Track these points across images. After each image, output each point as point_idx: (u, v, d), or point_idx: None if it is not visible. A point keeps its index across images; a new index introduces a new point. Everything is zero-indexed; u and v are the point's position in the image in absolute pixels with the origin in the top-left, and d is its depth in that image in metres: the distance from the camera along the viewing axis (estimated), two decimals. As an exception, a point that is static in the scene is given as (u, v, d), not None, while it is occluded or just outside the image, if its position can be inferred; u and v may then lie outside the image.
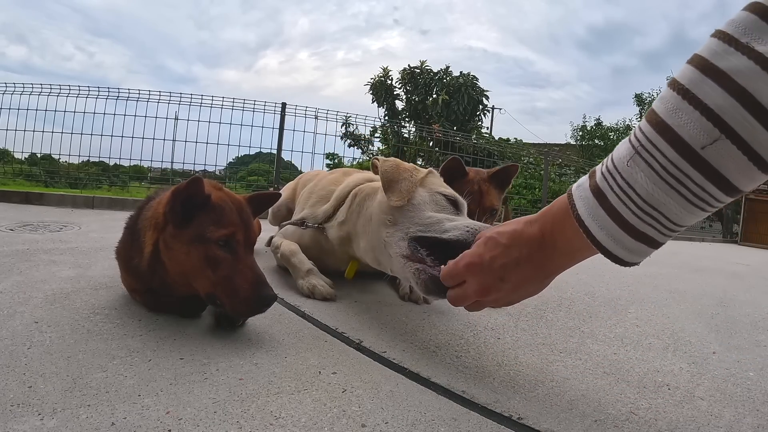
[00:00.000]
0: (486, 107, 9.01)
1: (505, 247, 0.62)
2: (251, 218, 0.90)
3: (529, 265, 0.61)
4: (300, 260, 1.27)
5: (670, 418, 0.67)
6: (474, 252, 0.66)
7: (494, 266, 0.62)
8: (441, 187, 1.09)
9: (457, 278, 0.68)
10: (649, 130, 0.46)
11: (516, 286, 0.63)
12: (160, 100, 4.35)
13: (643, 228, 0.49)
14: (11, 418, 0.53)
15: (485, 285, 0.64)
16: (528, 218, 0.63)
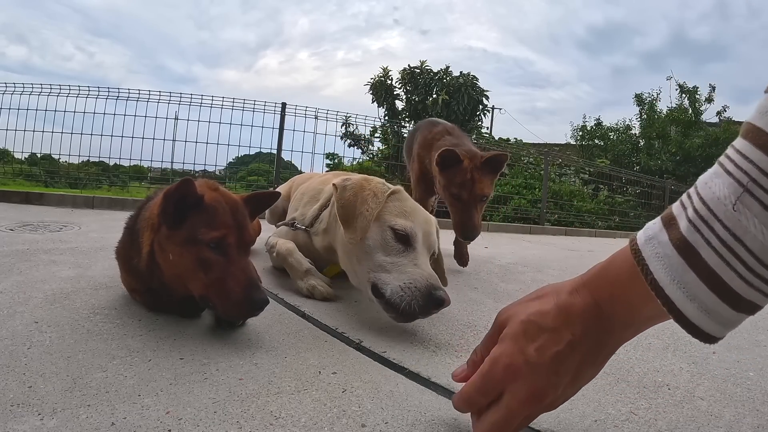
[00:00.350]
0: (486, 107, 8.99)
1: (553, 332, 0.47)
2: (247, 219, 0.89)
3: (586, 347, 0.47)
4: (297, 260, 1.26)
5: (670, 418, 0.67)
6: (511, 349, 0.48)
7: (544, 360, 0.46)
8: (397, 216, 1.03)
9: (493, 391, 0.50)
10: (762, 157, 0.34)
11: (574, 377, 0.48)
12: (160, 100, 4.35)
13: (751, 295, 0.37)
14: (11, 418, 0.53)
15: (538, 388, 0.47)
16: (570, 284, 0.49)
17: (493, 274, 1.80)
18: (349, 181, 1.12)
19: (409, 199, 1.12)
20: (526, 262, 2.24)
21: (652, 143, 10.98)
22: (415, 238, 1.01)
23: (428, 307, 0.90)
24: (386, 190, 1.09)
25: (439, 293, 0.90)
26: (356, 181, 1.12)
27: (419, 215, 1.07)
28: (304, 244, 1.32)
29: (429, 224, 1.08)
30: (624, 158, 10.75)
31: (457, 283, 1.52)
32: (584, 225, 6.24)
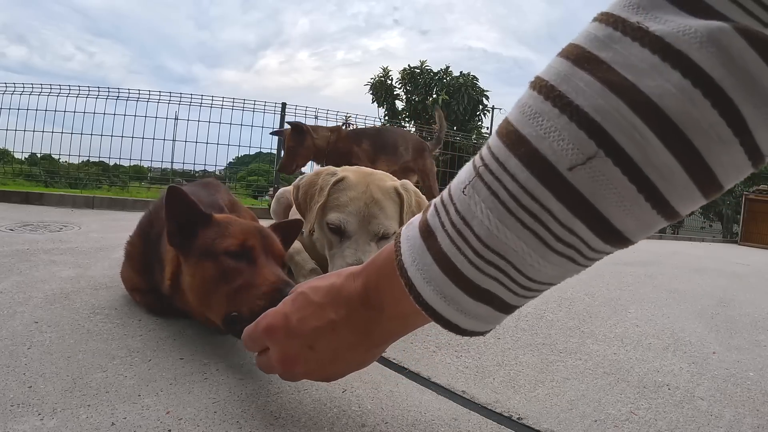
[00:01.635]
0: (486, 107, 9.00)
1: (318, 307, 0.48)
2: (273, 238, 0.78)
3: (349, 331, 0.47)
4: (303, 258, 1.27)
5: (670, 418, 0.67)
6: (278, 311, 0.51)
7: (302, 331, 0.48)
8: (330, 211, 1.08)
9: (258, 343, 0.54)
10: (498, 144, 0.33)
11: (332, 356, 0.49)
12: (160, 100, 4.35)
13: (485, 283, 0.35)
14: (11, 418, 0.53)
15: (289, 354, 0.50)
16: (353, 269, 0.49)
17: (493, 274, 1.80)
18: (303, 179, 1.19)
19: (353, 185, 1.10)
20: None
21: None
22: (346, 228, 1.06)
23: None
24: (330, 181, 1.11)
25: None
26: (308, 178, 1.18)
27: (358, 201, 1.07)
28: (310, 246, 1.32)
29: (374, 206, 1.07)
30: (624, 158, 10.73)
31: (457, 283, 1.52)
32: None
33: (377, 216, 1.08)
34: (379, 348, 0.50)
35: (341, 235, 1.06)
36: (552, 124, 0.30)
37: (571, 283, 1.73)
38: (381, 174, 1.18)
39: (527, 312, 1.22)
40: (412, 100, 8.93)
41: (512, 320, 1.13)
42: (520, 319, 1.15)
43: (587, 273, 1.14)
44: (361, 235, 1.06)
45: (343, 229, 1.06)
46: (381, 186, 1.11)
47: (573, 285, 1.70)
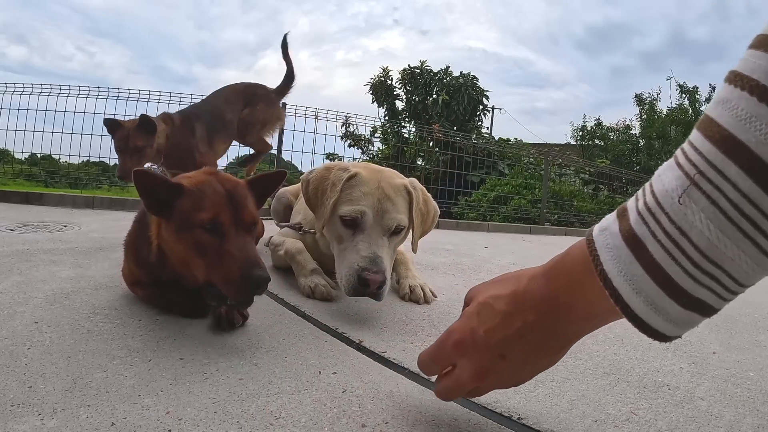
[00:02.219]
0: (486, 107, 9.01)
1: (504, 316, 0.48)
2: (247, 200, 0.86)
3: (538, 335, 0.47)
4: (305, 259, 1.27)
5: (670, 418, 0.67)
6: (464, 326, 0.51)
7: (491, 342, 0.48)
8: (344, 205, 1.09)
9: (444, 362, 0.54)
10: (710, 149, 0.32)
11: (523, 362, 0.50)
12: (160, 100, 4.35)
13: (699, 293, 0.35)
14: (11, 418, 0.53)
15: (482, 367, 0.50)
16: (532, 272, 0.49)
17: (493, 274, 1.80)
18: (312, 173, 1.18)
19: (366, 181, 1.11)
20: (526, 262, 2.24)
21: (652, 143, 10.99)
22: (361, 221, 1.06)
23: (359, 291, 1.00)
24: (343, 177, 1.11)
25: (364, 275, 0.98)
26: (318, 172, 1.17)
27: (372, 197, 1.09)
28: (313, 245, 1.33)
29: (387, 202, 1.09)
30: (624, 158, 10.76)
31: (457, 284, 1.52)
32: (584, 225, 6.24)
33: (389, 211, 1.09)
34: (566, 347, 0.50)
35: (354, 229, 1.07)
36: None
37: (571, 283, 1.74)
38: (389, 171, 1.20)
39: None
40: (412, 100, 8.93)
41: (512, 320, 1.13)
42: (520, 319, 1.15)
43: (587, 273, 1.10)
44: (374, 229, 1.07)
45: (358, 222, 1.06)
46: (391, 183, 1.13)
47: (573, 285, 1.69)
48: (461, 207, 5.78)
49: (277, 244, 1.40)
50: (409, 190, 1.14)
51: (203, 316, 0.93)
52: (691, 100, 11.03)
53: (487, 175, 6.66)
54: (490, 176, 6.69)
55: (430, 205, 1.22)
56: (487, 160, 6.79)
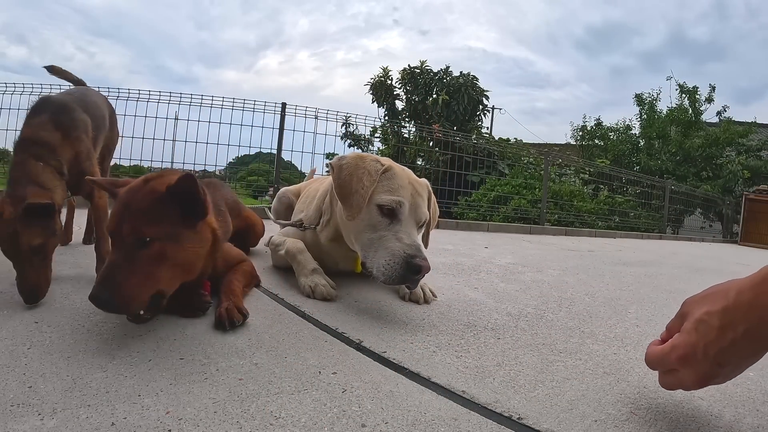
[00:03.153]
0: (486, 107, 9.00)
1: (719, 331, 0.56)
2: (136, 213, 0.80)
3: (748, 343, 0.55)
4: (306, 258, 1.28)
5: (670, 418, 0.67)
6: (686, 342, 0.60)
7: (710, 354, 0.57)
8: (385, 192, 1.11)
9: (668, 368, 0.64)
10: None
11: (737, 366, 0.59)
12: (160, 100, 4.35)
13: None
14: (11, 418, 0.53)
15: (704, 375, 0.59)
16: (738, 285, 0.57)
17: (493, 274, 1.80)
18: (344, 160, 1.18)
19: (400, 176, 1.16)
20: (526, 262, 2.24)
21: (652, 143, 10.98)
22: (399, 211, 1.09)
23: (407, 277, 1.01)
24: (379, 168, 1.15)
25: (415, 261, 1.01)
26: (351, 159, 1.17)
27: (407, 190, 1.14)
28: (313, 243, 1.34)
29: (418, 197, 1.15)
30: (624, 158, 10.75)
31: (457, 284, 1.52)
32: (584, 225, 6.24)
33: (420, 206, 1.15)
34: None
35: (391, 218, 1.09)
36: None
37: (571, 283, 1.73)
38: (409, 170, 1.24)
39: (527, 312, 1.22)
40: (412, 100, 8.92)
41: (512, 320, 1.13)
42: (520, 319, 1.15)
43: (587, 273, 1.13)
44: (410, 220, 1.11)
45: (395, 212, 1.09)
46: (417, 180, 1.21)
47: (573, 285, 1.70)
48: (461, 207, 5.78)
49: (278, 244, 1.40)
50: (429, 190, 1.23)
51: (201, 315, 0.94)
52: (691, 100, 11.01)
53: (487, 175, 6.66)
54: (490, 176, 6.68)
55: (436, 204, 1.32)
56: (487, 160, 6.78)
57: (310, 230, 1.35)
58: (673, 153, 10.34)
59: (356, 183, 1.11)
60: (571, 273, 2.02)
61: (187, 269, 0.87)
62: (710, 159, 10.12)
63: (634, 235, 6.37)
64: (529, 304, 1.32)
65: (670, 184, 8.23)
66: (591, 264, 2.46)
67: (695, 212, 9.56)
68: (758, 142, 10.63)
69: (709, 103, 10.95)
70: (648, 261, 2.99)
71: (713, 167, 10.05)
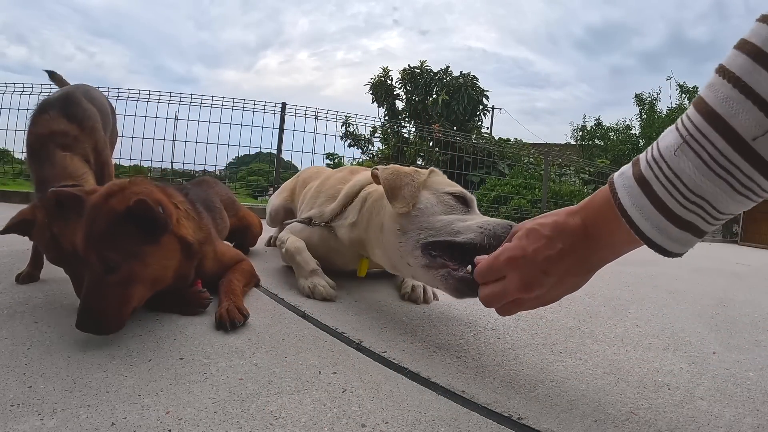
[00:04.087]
0: (486, 107, 9.02)
1: (548, 239, 0.60)
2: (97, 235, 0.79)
3: (573, 258, 0.59)
4: (305, 259, 1.26)
5: (670, 418, 0.67)
6: (515, 245, 0.63)
7: (537, 259, 0.60)
8: (447, 185, 1.09)
9: (497, 273, 0.65)
10: (699, 119, 0.46)
11: (559, 280, 0.61)
12: (160, 100, 4.36)
13: (689, 217, 0.49)
14: (11, 418, 0.53)
15: (528, 279, 0.61)
16: (568, 210, 0.61)
17: (493, 274, 1.80)
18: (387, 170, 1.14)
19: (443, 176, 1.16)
20: (526, 262, 2.23)
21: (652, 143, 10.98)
22: (472, 202, 1.06)
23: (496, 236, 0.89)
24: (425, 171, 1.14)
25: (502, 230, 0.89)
26: (392, 166, 1.16)
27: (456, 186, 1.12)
28: (324, 240, 1.32)
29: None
30: (624, 158, 10.75)
31: (457, 283, 1.52)
32: (584, 225, 6.23)
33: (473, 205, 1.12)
34: (590, 273, 0.63)
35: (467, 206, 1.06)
36: (740, 107, 0.43)
37: (571, 283, 1.73)
38: None
39: (527, 312, 1.22)
40: (412, 100, 8.93)
41: (512, 320, 1.13)
42: (520, 319, 1.15)
43: (587, 273, 1.10)
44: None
45: (469, 202, 1.07)
46: None
47: (573, 285, 1.69)
48: (461, 207, 5.77)
49: (282, 242, 1.39)
50: None
51: (201, 312, 0.94)
52: (691, 100, 11.03)
53: (487, 175, 6.66)
54: (490, 176, 6.69)
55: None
56: (487, 160, 6.79)
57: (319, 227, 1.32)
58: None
59: (404, 177, 1.09)
60: (571, 273, 2.01)
61: (158, 282, 0.87)
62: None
63: (634, 235, 6.36)
64: (529, 304, 1.32)
65: (670, 184, 8.20)
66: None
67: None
68: (758, 142, 10.61)
69: (709, 103, 10.94)
70: (648, 261, 2.99)
71: (713, 167, 10.01)
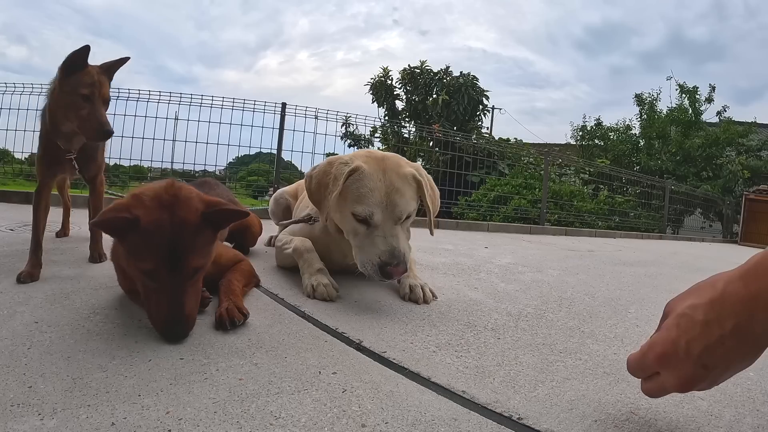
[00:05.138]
0: (486, 107, 9.00)
1: (704, 325, 0.49)
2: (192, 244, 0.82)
3: (738, 341, 0.47)
4: (312, 257, 1.28)
5: (670, 418, 0.67)
6: (665, 338, 0.53)
7: (693, 353, 0.50)
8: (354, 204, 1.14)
9: (648, 370, 0.57)
10: None
11: (724, 369, 0.51)
12: (160, 100, 4.35)
13: None
14: (11, 418, 0.53)
15: (687, 378, 0.51)
16: (727, 276, 0.50)
17: (493, 274, 1.80)
18: (315, 169, 1.24)
19: (369, 177, 1.15)
20: (526, 263, 2.24)
21: (652, 143, 10.99)
22: (372, 218, 1.13)
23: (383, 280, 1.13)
24: (344, 171, 1.16)
25: (388, 269, 1.08)
26: (320, 167, 1.23)
27: (378, 193, 1.14)
28: (322, 237, 1.35)
29: (395, 194, 1.15)
30: (624, 158, 10.75)
31: (457, 284, 1.52)
32: (584, 225, 6.24)
33: (398, 203, 1.15)
34: (762, 350, 0.50)
35: (367, 224, 1.14)
36: None
37: (571, 283, 1.73)
38: (394, 158, 1.23)
39: (527, 312, 1.22)
40: (412, 100, 8.93)
41: (512, 320, 1.13)
42: (520, 319, 1.15)
43: (587, 273, 1.13)
44: (386, 221, 1.14)
45: (368, 220, 1.13)
46: (398, 172, 1.19)
47: (573, 285, 1.70)
48: (461, 207, 5.78)
49: (284, 243, 1.40)
50: (417, 179, 1.21)
51: (201, 311, 0.93)
52: (691, 100, 11.01)
53: (487, 175, 6.66)
54: (490, 176, 6.68)
55: (436, 191, 1.32)
56: (487, 160, 6.78)
57: (319, 224, 1.35)
58: (673, 153, 10.34)
59: (323, 190, 1.17)
60: (571, 273, 2.02)
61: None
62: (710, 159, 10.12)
63: (634, 235, 6.37)
64: (529, 304, 1.32)
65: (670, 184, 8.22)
66: (591, 264, 2.46)
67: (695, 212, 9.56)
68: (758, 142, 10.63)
69: (709, 103, 10.96)
70: (648, 261, 2.99)
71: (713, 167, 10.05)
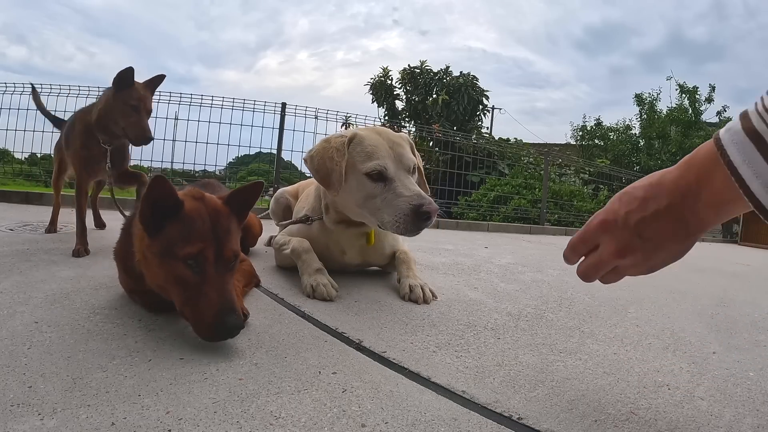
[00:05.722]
0: (486, 107, 9.00)
1: (641, 200, 0.56)
2: (230, 232, 0.84)
3: (669, 218, 0.54)
4: (311, 258, 1.28)
5: (670, 418, 0.67)
6: (607, 208, 0.60)
7: (630, 222, 0.56)
8: (363, 163, 1.15)
9: (589, 240, 0.62)
10: None
11: (656, 244, 0.56)
12: (160, 100, 4.35)
13: None
14: (11, 418, 0.53)
15: (622, 244, 0.57)
16: (665, 170, 0.57)
17: (493, 274, 1.80)
18: (313, 150, 1.26)
19: (368, 137, 1.20)
20: (525, 262, 2.24)
21: (652, 143, 11.00)
22: (387, 171, 1.14)
23: (420, 226, 1.09)
24: (344, 140, 1.19)
25: (423, 208, 1.07)
26: (318, 146, 1.25)
27: (382, 146, 1.17)
28: (321, 234, 1.36)
29: (398, 147, 1.19)
30: (624, 158, 10.77)
31: (457, 284, 1.53)
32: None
33: (404, 154, 1.18)
34: (692, 237, 0.56)
35: (383, 181, 1.14)
36: None
37: (571, 283, 1.73)
38: (383, 128, 1.28)
39: (527, 312, 1.22)
40: (412, 100, 8.93)
41: (512, 320, 1.13)
42: (520, 319, 1.15)
43: (587, 273, 1.09)
44: (399, 172, 1.15)
45: (384, 174, 1.13)
46: (391, 133, 1.24)
47: (573, 285, 1.70)
48: (461, 207, 5.78)
49: (282, 243, 1.41)
50: (409, 141, 1.27)
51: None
52: (691, 100, 11.03)
53: (487, 175, 6.66)
54: (490, 176, 6.68)
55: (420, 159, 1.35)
56: (487, 160, 6.78)
57: (317, 221, 1.36)
58: (673, 153, 10.35)
59: (329, 163, 1.18)
60: (571, 273, 2.01)
61: None
62: (710, 159, 10.07)
63: (634, 235, 6.36)
64: (529, 304, 1.32)
65: (670, 184, 8.19)
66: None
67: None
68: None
69: (709, 103, 10.98)
70: (648, 261, 2.98)
71: (713, 167, 10.00)
